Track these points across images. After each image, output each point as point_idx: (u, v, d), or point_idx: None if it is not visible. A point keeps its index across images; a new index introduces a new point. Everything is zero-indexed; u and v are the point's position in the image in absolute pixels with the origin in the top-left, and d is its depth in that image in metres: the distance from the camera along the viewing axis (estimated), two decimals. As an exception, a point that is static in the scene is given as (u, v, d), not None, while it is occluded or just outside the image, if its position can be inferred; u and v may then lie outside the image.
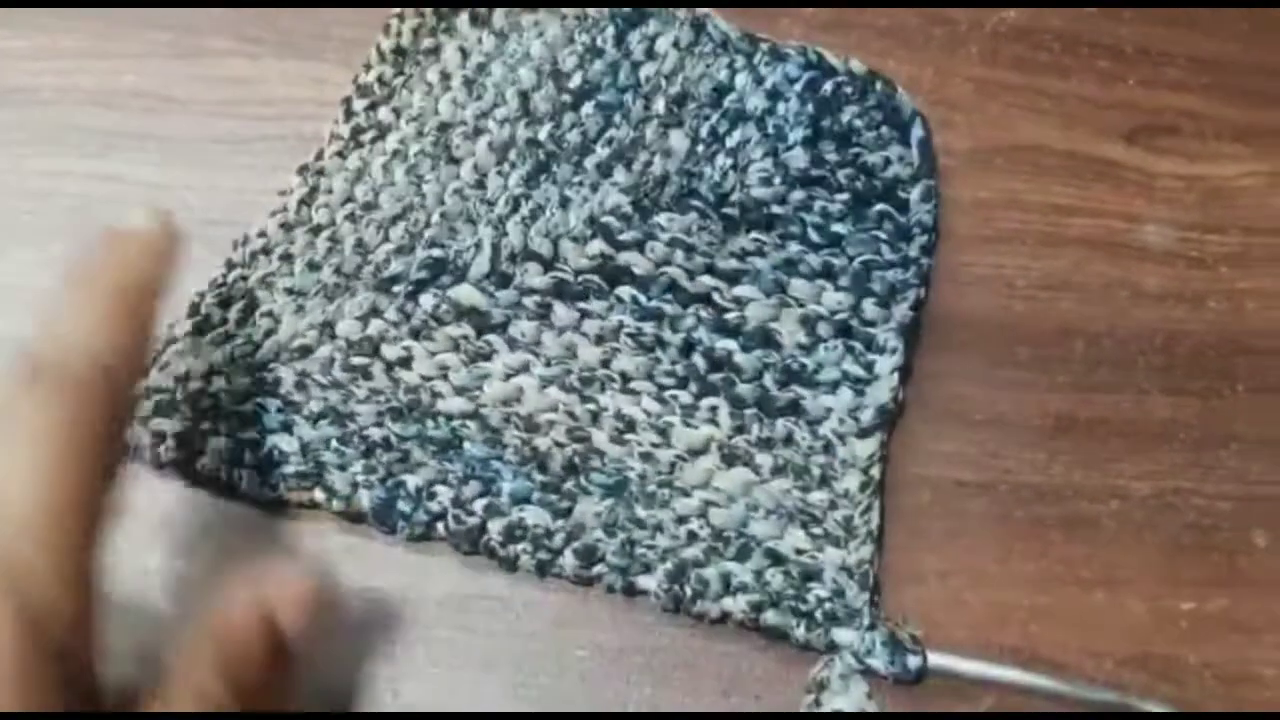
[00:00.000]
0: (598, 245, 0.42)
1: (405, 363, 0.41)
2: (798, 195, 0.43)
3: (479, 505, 0.40)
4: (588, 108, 0.45)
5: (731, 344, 0.42)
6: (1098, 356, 0.44)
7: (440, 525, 0.40)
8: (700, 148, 0.44)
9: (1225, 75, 0.48)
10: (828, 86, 0.45)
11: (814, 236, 0.43)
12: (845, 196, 0.43)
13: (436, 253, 0.43)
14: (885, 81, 0.45)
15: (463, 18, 0.46)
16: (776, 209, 0.43)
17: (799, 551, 0.40)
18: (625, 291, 0.42)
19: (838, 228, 0.43)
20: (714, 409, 0.41)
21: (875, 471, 0.41)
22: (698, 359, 0.42)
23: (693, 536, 0.40)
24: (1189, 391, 0.44)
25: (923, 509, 0.42)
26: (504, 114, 0.45)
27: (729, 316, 0.42)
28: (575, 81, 0.45)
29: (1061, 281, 0.45)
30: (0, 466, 0.29)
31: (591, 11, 0.46)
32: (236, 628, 0.31)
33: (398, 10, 0.46)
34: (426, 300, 0.42)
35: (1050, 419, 0.43)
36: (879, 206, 0.43)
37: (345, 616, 0.39)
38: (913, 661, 0.38)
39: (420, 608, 0.39)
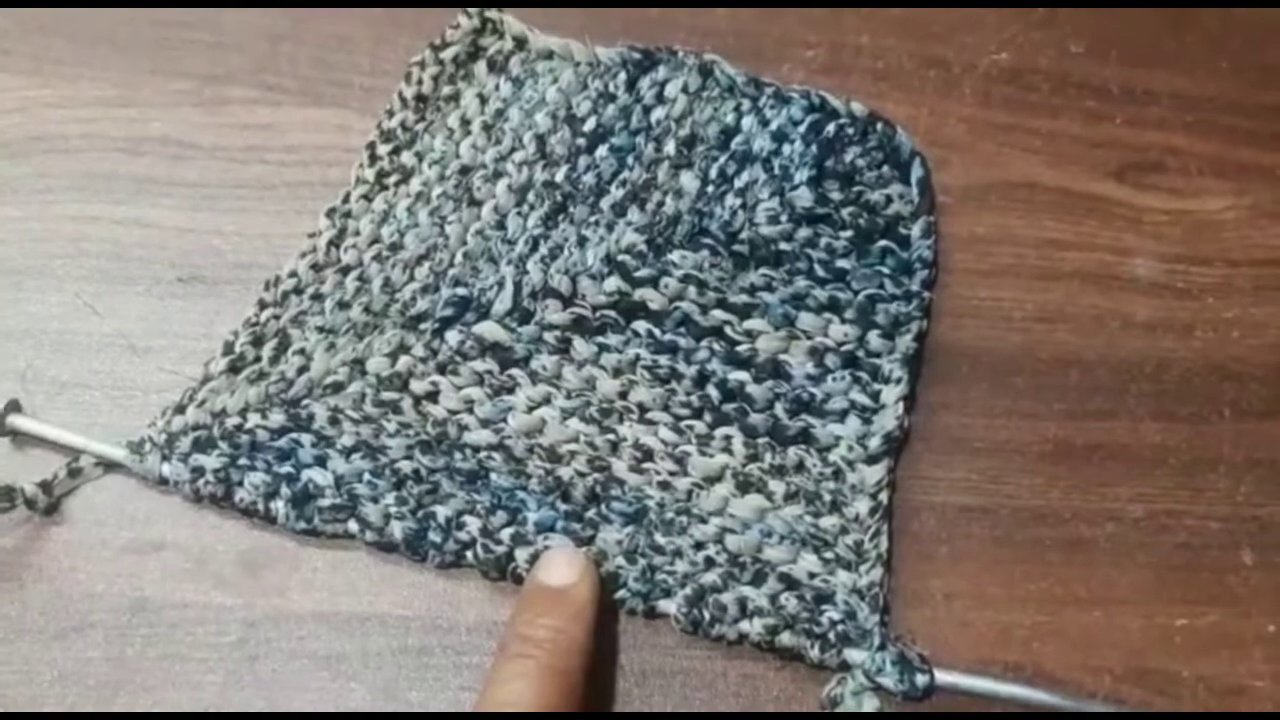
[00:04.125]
0: (614, 282, 0.44)
1: (433, 397, 0.43)
2: (804, 232, 0.45)
3: (506, 534, 0.41)
4: (602, 150, 0.47)
5: (744, 375, 0.44)
6: (1092, 385, 0.46)
7: (469, 554, 0.41)
8: (710, 188, 0.46)
9: (1206, 113, 0.50)
10: (831, 128, 0.46)
11: (820, 271, 0.45)
12: (849, 233, 0.45)
13: (461, 291, 0.44)
14: (885, 122, 0.47)
15: (480, 65, 0.48)
16: (784, 246, 0.45)
17: (812, 575, 0.41)
18: (641, 326, 0.44)
19: (842, 263, 0.45)
20: (728, 438, 0.43)
21: (884, 497, 0.42)
22: (711, 390, 0.43)
23: (710, 562, 0.42)
24: (1179, 417, 0.46)
25: (928, 534, 0.43)
26: (522, 158, 0.47)
27: (740, 349, 0.44)
28: (589, 125, 0.47)
29: (1056, 313, 0.47)
30: None
31: (603, 58, 0.48)
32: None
33: (419, 58, 0.48)
34: (452, 337, 0.44)
35: (1049, 445, 0.45)
36: (881, 242, 0.45)
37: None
38: (921, 679, 0.40)
39: (451, 634, 0.41)
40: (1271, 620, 0.43)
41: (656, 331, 0.44)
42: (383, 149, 0.47)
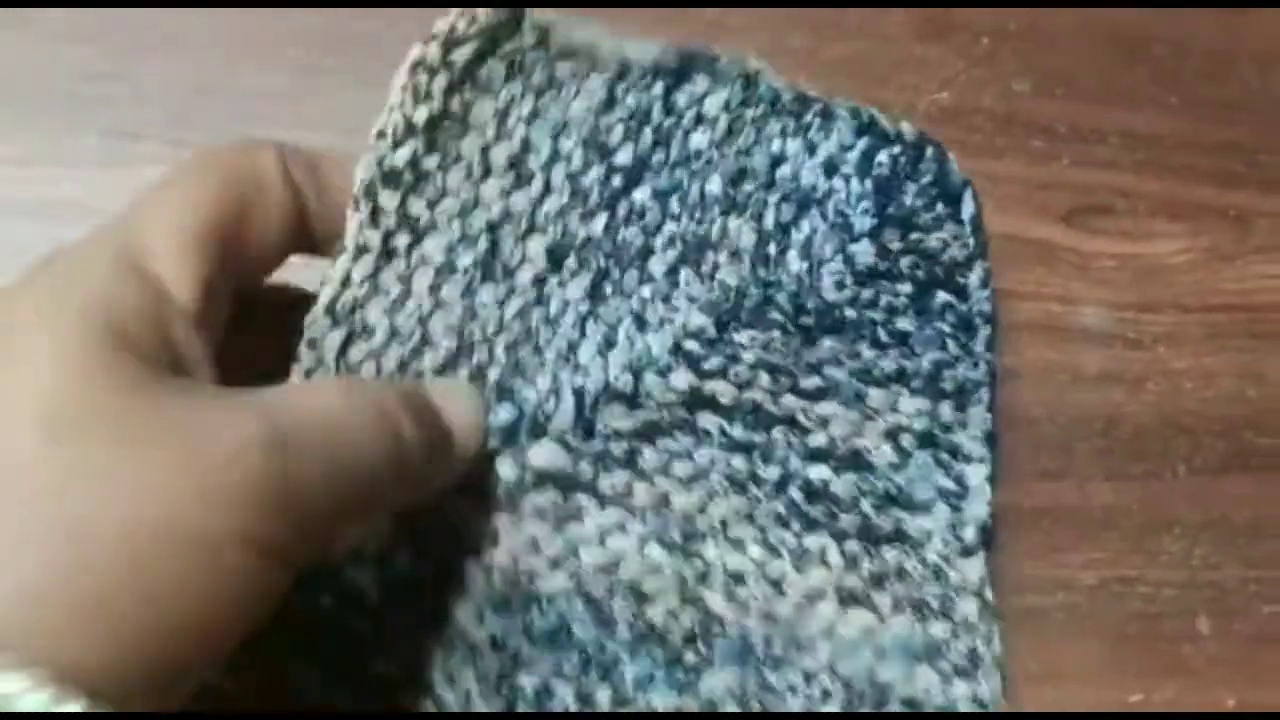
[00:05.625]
0: (684, 376, 0.36)
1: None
2: (866, 293, 0.38)
3: (603, 697, 0.34)
4: (641, 195, 0.38)
5: (824, 471, 0.37)
6: (1040, 443, 0.43)
7: None
8: (771, 247, 0.38)
9: (1156, 152, 0.48)
10: (884, 159, 0.39)
11: (882, 335, 0.38)
12: (907, 287, 0.39)
13: (506, 412, 0.35)
14: (936, 146, 0.40)
15: (496, 70, 0.37)
16: (849, 312, 0.38)
17: (929, 691, 0.36)
18: (710, 422, 0.36)
19: (902, 323, 0.38)
20: (823, 548, 0.37)
21: (988, 593, 0.37)
22: (795, 492, 0.37)
23: (826, 695, 0.36)
24: (1130, 476, 0.43)
25: (872, 610, 0.41)
26: (555, 205, 0.37)
27: (815, 439, 0.37)
28: (623, 158, 0.38)
29: (1003, 367, 0.44)
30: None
31: (633, 59, 0.39)
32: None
33: (420, 56, 0.36)
34: (505, 469, 0.35)
35: (996, 511, 0.42)
36: (941, 296, 0.39)
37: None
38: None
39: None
40: (1230, 693, 0.41)
41: (727, 427, 0.36)
42: (387, 199, 0.34)
